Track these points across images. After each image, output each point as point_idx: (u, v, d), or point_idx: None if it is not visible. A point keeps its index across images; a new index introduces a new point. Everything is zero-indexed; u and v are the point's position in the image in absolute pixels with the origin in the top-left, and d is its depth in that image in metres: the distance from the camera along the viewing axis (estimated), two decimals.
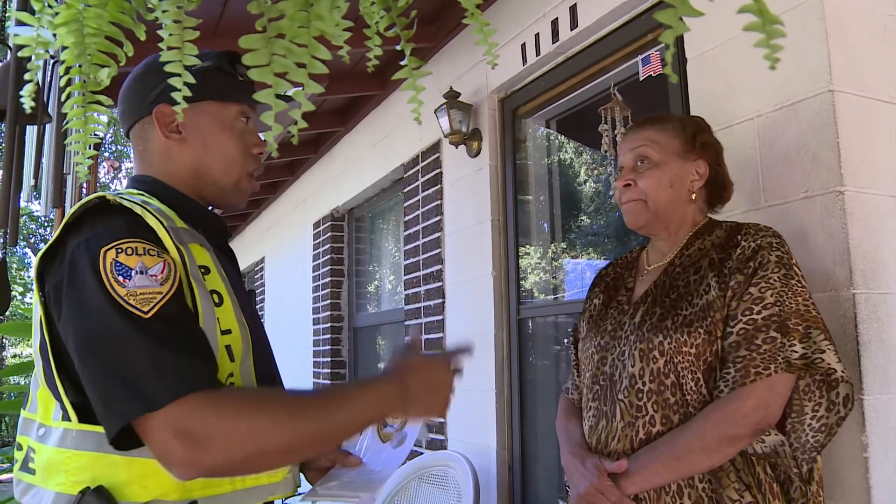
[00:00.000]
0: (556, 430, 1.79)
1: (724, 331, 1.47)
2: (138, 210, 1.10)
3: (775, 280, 1.46)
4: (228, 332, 1.12)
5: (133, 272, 1.02)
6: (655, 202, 1.63)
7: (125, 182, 1.42)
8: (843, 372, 1.42)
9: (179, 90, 0.75)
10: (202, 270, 1.13)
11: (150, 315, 1.01)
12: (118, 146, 17.65)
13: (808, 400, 1.45)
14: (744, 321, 1.45)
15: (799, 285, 1.47)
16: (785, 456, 1.44)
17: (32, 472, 1.11)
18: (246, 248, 8.05)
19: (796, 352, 1.42)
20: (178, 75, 0.73)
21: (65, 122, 0.85)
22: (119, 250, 1.04)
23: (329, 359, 5.33)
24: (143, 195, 1.20)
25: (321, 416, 1.07)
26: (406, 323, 3.98)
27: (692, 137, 1.66)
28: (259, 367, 1.17)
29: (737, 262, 1.50)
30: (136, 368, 0.98)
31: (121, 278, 1.02)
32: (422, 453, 3.50)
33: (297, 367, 5.85)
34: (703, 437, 1.42)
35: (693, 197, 1.66)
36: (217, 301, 1.12)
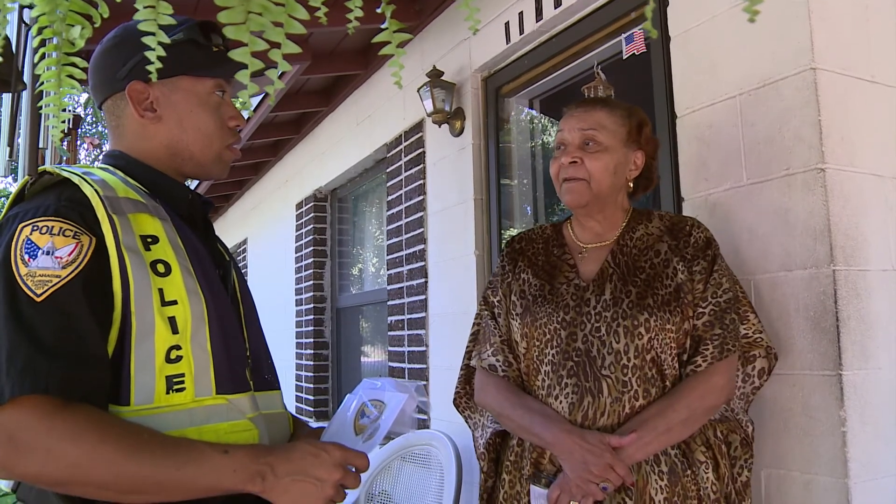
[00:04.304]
0: (497, 407, 1.70)
1: (694, 311, 1.59)
2: (76, 180, 1.09)
3: (725, 268, 1.65)
4: (174, 302, 1.09)
5: (40, 252, 1.01)
6: (598, 185, 1.66)
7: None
8: (774, 348, 1.71)
9: (152, 62, 0.73)
10: (149, 240, 1.10)
11: (41, 299, 0.98)
12: (100, 126, 17.43)
13: None
14: (713, 303, 1.60)
15: (733, 274, 1.68)
16: (732, 419, 1.65)
17: None
18: (228, 230, 8.00)
19: (743, 331, 1.66)
20: (152, 34, 0.71)
21: (38, 84, 0.84)
22: (35, 227, 1.03)
23: (312, 339, 5.32)
24: (104, 168, 1.19)
25: (159, 467, 1.00)
26: (389, 303, 3.97)
27: (638, 128, 1.72)
28: (217, 341, 1.13)
29: (693, 249, 1.64)
30: None
31: (26, 257, 1.00)
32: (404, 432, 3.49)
33: (280, 348, 5.84)
34: (691, 409, 1.54)
35: (630, 185, 1.74)
36: (163, 271, 1.09)
